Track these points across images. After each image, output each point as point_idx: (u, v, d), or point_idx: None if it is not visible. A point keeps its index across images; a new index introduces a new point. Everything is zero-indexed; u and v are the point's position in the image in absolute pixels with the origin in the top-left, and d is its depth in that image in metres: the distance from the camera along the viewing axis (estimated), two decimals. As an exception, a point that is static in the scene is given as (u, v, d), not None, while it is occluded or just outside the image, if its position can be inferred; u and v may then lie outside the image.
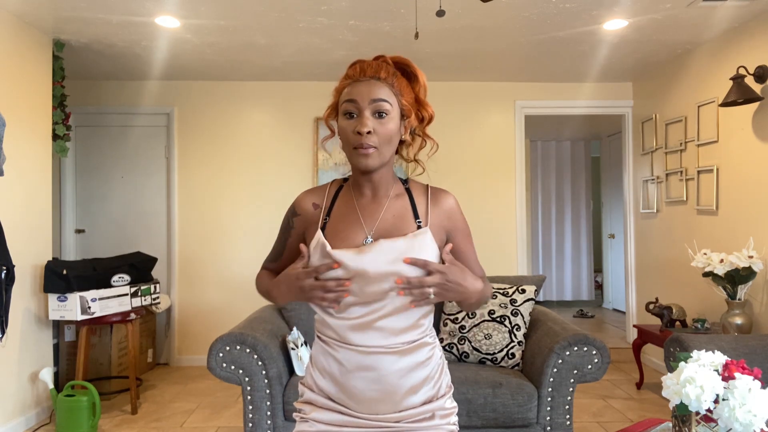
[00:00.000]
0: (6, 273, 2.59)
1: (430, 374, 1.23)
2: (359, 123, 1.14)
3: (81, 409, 3.16)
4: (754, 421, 1.28)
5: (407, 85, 1.21)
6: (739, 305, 3.32)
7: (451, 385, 1.31)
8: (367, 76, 1.16)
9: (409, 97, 1.20)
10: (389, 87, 1.16)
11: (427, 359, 1.22)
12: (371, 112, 1.15)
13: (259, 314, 2.97)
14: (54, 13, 3.34)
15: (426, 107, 1.24)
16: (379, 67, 1.18)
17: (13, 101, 3.33)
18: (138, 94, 4.90)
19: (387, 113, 1.15)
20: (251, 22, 3.51)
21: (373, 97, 1.14)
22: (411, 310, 1.19)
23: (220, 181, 4.90)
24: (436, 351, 1.26)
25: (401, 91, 1.18)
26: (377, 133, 1.14)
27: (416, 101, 1.23)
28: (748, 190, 3.51)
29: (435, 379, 1.25)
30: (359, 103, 1.15)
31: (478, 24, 3.56)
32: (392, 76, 1.17)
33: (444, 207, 1.24)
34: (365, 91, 1.15)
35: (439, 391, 1.26)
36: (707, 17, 3.47)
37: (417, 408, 1.22)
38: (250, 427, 2.52)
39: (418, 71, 1.23)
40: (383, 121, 1.15)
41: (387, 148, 1.17)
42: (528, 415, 2.54)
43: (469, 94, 4.99)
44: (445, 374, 1.30)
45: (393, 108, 1.16)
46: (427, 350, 1.23)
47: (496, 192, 4.98)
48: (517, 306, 2.98)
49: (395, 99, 1.17)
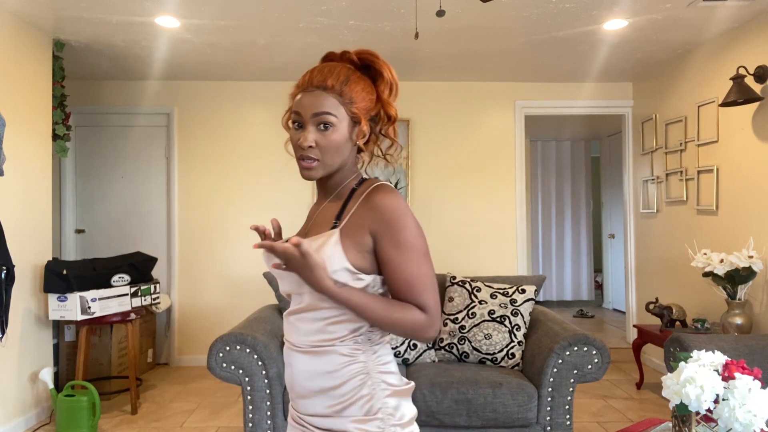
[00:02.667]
0: (6, 273, 2.60)
1: (335, 386, 1.14)
2: (302, 135, 1.13)
3: (81, 409, 3.16)
4: (754, 421, 1.28)
5: (364, 89, 1.16)
6: (739, 305, 3.32)
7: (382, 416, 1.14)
8: (313, 85, 1.14)
9: (364, 101, 1.15)
10: (336, 97, 1.12)
11: (334, 371, 1.14)
12: (314, 124, 1.13)
13: (259, 314, 2.97)
14: (54, 13, 3.34)
15: (388, 107, 1.18)
16: (328, 74, 1.14)
17: (13, 101, 3.33)
18: (138, 94, 4.90)
19: (331, 125, 1.12)
20: (251, 22, 3.51)
21: (315, 111, 1.12)
22: (318, 312, 1.14)
23: (220, 181, 4.90)
24: (353, 367, 1.14)
25: (353, 98, 1.14)
26: (320, 146, 1.12)
27: (378, 101, 1.18)
28: (748, 190, 3.51)
29: (344, 395, 1.14)
30: (303, 115, 1.13)
31: (478, 24, 3.56)
32: (342, 84, 1.13)
33: (371, 206, 1.10)
34: (308, 104, 1.13)
35: (347, 410, 1.15)
36: (707, 17, 3.47)
37: (315, 417, 1.17)
38: (250, 427, 2.52)
39: (383, 68, 1.18)
40: (327, 134, 1.12)
41: (333, 157, 1.14)
42: (528, 415, 2.54)
43: (469, 94, 5.00)
44: (371, 398, 1.14)
45: (339, 118, 1.12)
46: (340, 361, 1.14)
47: (496, 192, 4.98)
48: (517, 306, 2.98)
49: (343, 108, 1.13)
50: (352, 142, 1.17)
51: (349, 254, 1.10)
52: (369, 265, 1.12)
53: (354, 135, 1.16)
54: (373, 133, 1.21)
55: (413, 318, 1.09)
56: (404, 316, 1.09)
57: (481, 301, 3.03)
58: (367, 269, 1.12)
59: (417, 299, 1.10)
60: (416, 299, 1.10)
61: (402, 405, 1.17)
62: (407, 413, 1.17)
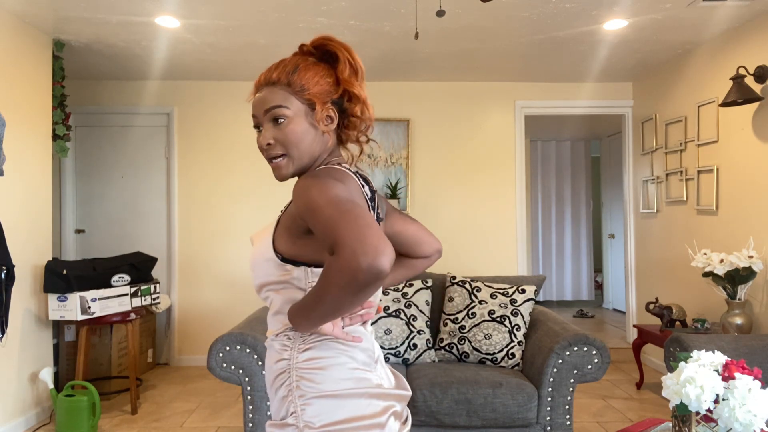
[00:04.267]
0: (6, 273, 2.60)
1: (269, 385, 1.11)
2: (261, 136, 1.13)
3: (81, 409, 3.16)
4: (754, 421, 1.28)
5: (317, 74, 1.12)
6: (739, 305, 3.32)
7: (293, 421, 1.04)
8: (262, 84, 1.14)
9: (318, 86, 1.12)
10: (283, 88, 1.11)
11: (268, 367, 1.11)
12: (270, 121, 1.12)
13: (259, 314, 2.97)
14: (54, 13, 3.34)
15: (349, 86, 1.13)
16: (274, 69, 1.13)
17: (13, 101, 3.33)
18: (138, 94, 4.90)
19: (284, 117, 1.10)
20: (251, 22, 3.51)
21: (266, 107, 1.11)
22: (266, 303, 1.12)
23: (220, 181, 4.90)
24: (279, 365, 1.09)
25: (303, 85, 1.11)
26: (279, 141, 1.11)
27: (339, 83, 1.14)
28: (748, 190, 3.51)
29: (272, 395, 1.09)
30: (258, 116, 1.13)
31: (478, 24, 3.56)
32: (290, 74, 1.11)
33: (294, 189, 1.04)
34: (259, 103, 1.12)
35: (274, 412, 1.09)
36: (707, 17, 3.47)
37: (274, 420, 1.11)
38: (250, 427, 2.52)
39: (338, 49, 1.14)
40: (282, 127, 1.10)
41: (297, 150, 1.11)
42: (528, 415, 2.54)
43: (469, 94, 5.00)
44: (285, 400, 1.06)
45: (292, 109, 1.10)
46: (272, 358, 1.11)
47: (496, 192, 4.98)
48: (517, 306, 2.98)
49: (294, 98, 1.11)
50: (317, 129, 1.13)
51: (280, 242, 1.08)
52: (309, 250, 1.07)
53: (315, 121, 1.13)
54: (347, 116, 1.18)
55: (330, 270, 0.88)
56: (322, 281, 0.91)
57: (481, 301, 3.03)
58: (305, 256, 1.07)
59: (329, 244, 0.91)
60: (329, 245, 0.91)
61: (338, 411, 1.04)
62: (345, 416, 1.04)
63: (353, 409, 1.04)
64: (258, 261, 1.11)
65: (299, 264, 1.08)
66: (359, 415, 1.04)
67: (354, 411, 1.04)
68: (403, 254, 1.34)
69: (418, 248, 1.32)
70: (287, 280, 1.09)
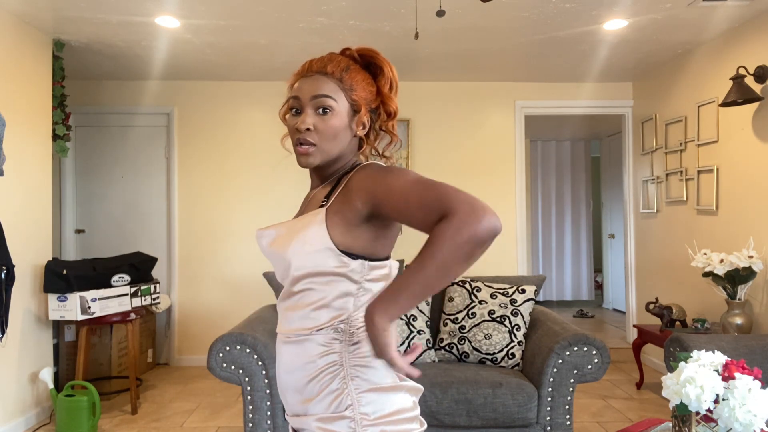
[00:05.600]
0: (6, 273, 2.60)
1: (307, 380, 1.08)
2: (300, 119, 1.11)
3: (81, 409, 3.16)
4: (754, 421, 1.28)
5: (364, 80, 1.14)
6: (739, 305, 3.32)
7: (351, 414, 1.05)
8: (313, 71, 1.13)
9: (364, 91, 1.14)
10: (336, 82, 1.11)
11: (309, 362, 1.09)
12: (313, 108, 1.11)
13: (259, 314, 2.97)
14: (54, 13, 3.34)
15: (388, 101, 1.16)
16: (328, 61, 1.13)
17: (13, 101, 3.33)
18: (138, 94, 4.90)
19: (330, 109, 1.10)
20: (251, 22, 3.51)
21: (315, 93, 1.10)
22: (300, 296, 1.10)
23: (220, 181, 4.90)
24: (327, 358, 1.08)
25: (353, 86, 1.12)
26: (318, 130, 1.10)
27: (379, 95, 1.17)
28: (748, 190, 3.51)
29: (314, 389, 1.08)
30: (301, 99, 1.12)
31: (478, 24, 3.56)
32: (342, 71, 1.12)
33: (359, 179, 1.06)
34: (308, 88, 1.11)
35: (314, 407, 1.07)
36: (707, 17, 3.47)
37: (293, 417, 1.11)
38: (250, 427, 2.52)
39: (384, 64, 1.17)
40: (325, 118, 1.10)
41: (330, 144, 1.11)
42: (528, 415, 2.54)
43: (469, 94, 5.00)
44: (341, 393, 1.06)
45: (339, 104, 1.10)
46: (315, 351, 1.09)
47: (496, 192, 4.98)
48: (517, 306, 2.98)
49: (343, 94, 1.11)
50: (352, 131, 1.14)
51: (334, 232, 1.06)
52: (363, 242, 1.07)
53: (354, 124, 1.14)
54: (373, 129, 1.19)
55: (447, 231, 0.90)
56: (442, 241, 0.90)
57: (481, 301, 3.03)
58: (358, 248, 1.06)
59: (438, 213, 0.93)
60: (437, 214, 0.93)
61: (386, 404, 1.07)
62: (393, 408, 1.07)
63: (399, 402, 1.09)
64: (303, 251, 1.06)
65: (355, 257, 1.06)
66: (403, 408, 1.09)
67: (399, 404, 1.09)
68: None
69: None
70: (343, 273, 1.06)
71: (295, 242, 1.07)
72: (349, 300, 1.08)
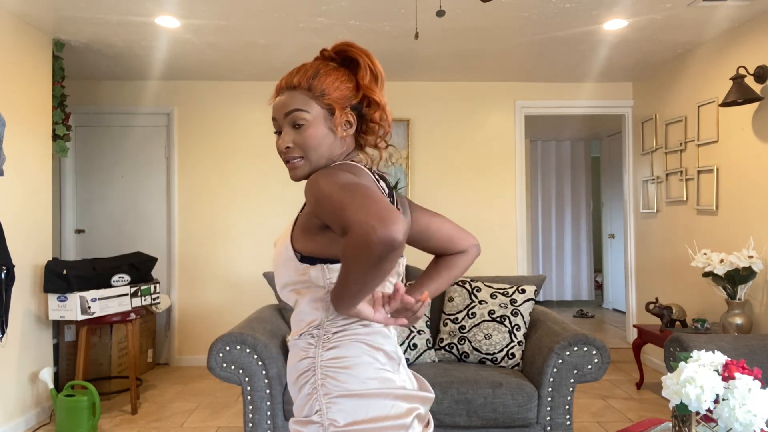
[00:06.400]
0: (6, 273, 2.60)
1: (292, 383, 1.11)
2: (281, 139, 1.14)
3: (81, 409, 3.16)
4: (754, 421, 1.28)
5: (338, 79, 1.14)
6: (739, 305, 3.32)
7: (319, 419, 1.04)
8: (283, 88, 1.15)
9: (338, 91, 1.13)
10: (304, 93, 1.12)
11: (292, 366, 1.12)
12: (290, 124, 1.13)
13: (259, 314, 2.97)
14: (54, 13, 3.34)
15: (369, 93, 1.15)
16: (296, 73, 1.14)
17: (13, 101, 3.33)
18: (138, 94, 4.90)
19: (304, 121, 1.11)
20: (251, 22, 3.51)
21: (286, 111, 1.12)
22: (297, 299, 1.13)
23: (220, 181, 4.90)
24: (303, 363, 1.10)
25: (324, 90, 1.12)
26: (298, 145, 1.12)
27: (360, 89, 1.15)
28: (748, 190, 3.51)
29: (296, 393, 1.11)
30: (278, 119, 1.15)
31: (478, 24, 3.56)
32: (310, 79, 1.12)
33: (306, 186, 1.05)
34: (279, 107, 1.14)
35: (298, 410, 1.09)
36: (707, 17, 3.47)
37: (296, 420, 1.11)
38: (250, 427, 2.52)
39: (358, 55, 1.15)
40: (301, 131, 1.12)
41: (316, 153, 1.12)
42: (528, 415, 2.54)
43: (469, 94, 5.00)
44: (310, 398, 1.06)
45: (312, 113, 1.12)
46: (297, 356, 1.12)
47: (496, 192, 4.98)
48: (517, 306, 2.98)
49: (314, 102, 1.12)
50: (336, 134, 1.14)
51: (298, 241, 1.09)
52: (321, 247, 1.07)
53: (334, 126, 1.14)
54: (365, 123, 1.19)
55: (345, 250, 0.89)
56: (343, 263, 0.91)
57: (481, 301, 3.03)
58: (318, 252, 1.07)
59: (341, 227, 0.91)
60: (340, 228, 0.92)
61: (362, 411, 1.04)
62: (370, 415, 1.04)
63: (378, 409, 1.05)
64: (279, 262, 1.12)
65: (316, 262, 1.08)
66: (384, 416, 1.04)
67: (379, 411, 1.04)
68: (440, 253, 1.30)
69: (452, 244, 1.29)
70: (307, 280, 1.09)
71: (276, 255, 1.15)
72: (320, 305, 1.10)
